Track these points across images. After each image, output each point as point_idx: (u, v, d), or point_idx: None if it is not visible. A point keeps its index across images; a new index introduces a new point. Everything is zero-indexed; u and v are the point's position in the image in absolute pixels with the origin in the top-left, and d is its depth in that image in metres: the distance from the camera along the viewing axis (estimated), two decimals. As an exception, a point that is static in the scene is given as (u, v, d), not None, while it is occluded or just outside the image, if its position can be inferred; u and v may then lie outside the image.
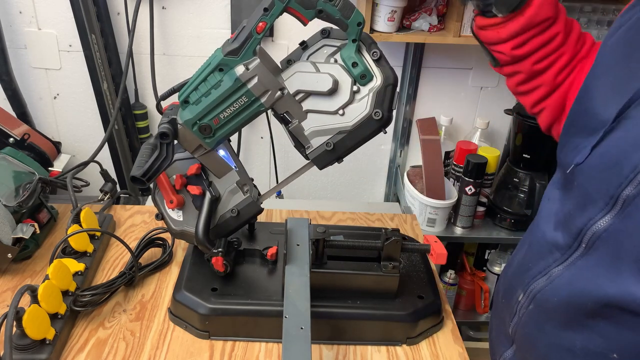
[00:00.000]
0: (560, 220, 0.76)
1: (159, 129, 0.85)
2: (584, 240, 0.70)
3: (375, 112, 0.82)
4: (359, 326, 0.92)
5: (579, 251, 0.71)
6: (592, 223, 0.68)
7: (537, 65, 0.86)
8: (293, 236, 0.96)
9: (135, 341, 0.90)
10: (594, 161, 0.69)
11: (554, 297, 0.74)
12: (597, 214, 0.67)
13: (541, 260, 0.78)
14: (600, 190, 0.67)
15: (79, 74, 1.89)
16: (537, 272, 0.78)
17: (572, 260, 0.72)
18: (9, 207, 1.00)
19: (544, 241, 0.78)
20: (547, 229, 0.78)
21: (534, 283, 0.78)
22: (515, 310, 0.82)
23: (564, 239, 0.74)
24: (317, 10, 0.79)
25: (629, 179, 0.63)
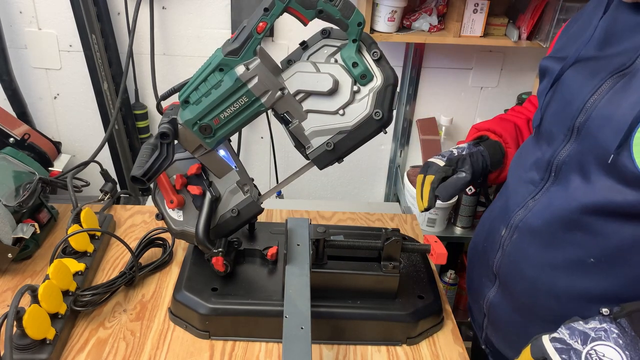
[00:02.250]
0: (532, 162, 0.89)
1: (160, 129, 0.85)
2: (553, 169, 0.84)
3: (376, 112, 0.82)
4: (359, 326, 0.92)
5: (550, 180, 0.85)
6: (556, 153, 0.83)
7: None
8: (293, 236, 0.96)
9: (136, 341, 0.90)
10: (552, 109, 0.86)
11: (536, 221, 0.85)
12: (560, 145, 0.83)
13: (518, 197, 0.90)
14: (559, 126, 0.83)
15: (79, 74, 1.89)
16: (516, 207, 0.89)
17: (545, 189, 0.85)
18: (9, 207, 1.00)
19: (520, 181, 0.91)
20: (521, 172, 0.91)
21: (514, 216, 0.89)
22: (498, 246, 0.92)
23: (537, 174, 0.87)
24: (318, 10, 0.79)
25: (579, 108, 0.79)
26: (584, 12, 0.93)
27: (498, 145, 1.05)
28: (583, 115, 0.79)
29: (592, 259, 0.79)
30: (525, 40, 1.75)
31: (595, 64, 0.81)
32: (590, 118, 0.77)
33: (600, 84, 0.77)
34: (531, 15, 1.72)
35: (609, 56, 0.79)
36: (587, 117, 0.78)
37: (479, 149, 1.03)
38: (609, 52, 0.80)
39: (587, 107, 0.78)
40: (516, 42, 1.75)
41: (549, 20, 1.70)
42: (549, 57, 0.94)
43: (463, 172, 0.99)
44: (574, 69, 0.84)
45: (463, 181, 0.99)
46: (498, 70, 2.00)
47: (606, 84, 0.77)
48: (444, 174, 0.99)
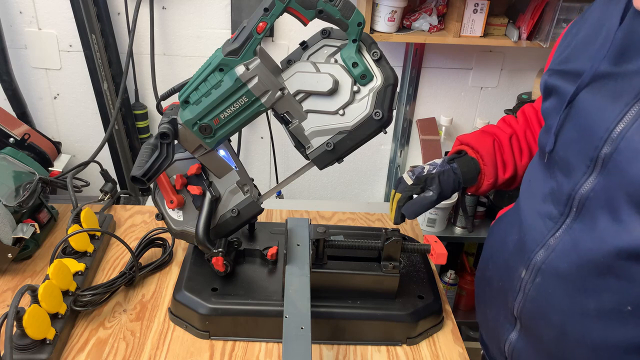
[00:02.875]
0: (547, 193, 0.81)
1: (159, 129, 0.85)
2: (574, 204, 0.76)
3: (376, 112, 0.82)
4: (359, 326, 0.92)
5: (571, 216, 0.77)
6: (578, 187, 0.75)
7: None
8: (293, 236, 0.96)
9: (136, 341, 0.90)
10: (569, 135, 0.78)
11: (562, 263, 0.77)
12: (581, 177, 0.74)
13: (536, 233, 0.81)
14: (579, 157, 0.75)
15: (79, 74, 1.89)
16: (535, 245, 0.81)
17: (567, 225, 0.77)
18: (9, 207, 1.00)
19: (536, 215, 0.83)
20: (536, 204, 0.83)
21: (535, 257, 0.80)
22: (518, 288, 0.83)
23: (555, 208, 0.79)
24: (318, 10, 0.79)
25: (604, 139, 0.71)
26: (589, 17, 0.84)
27: (473, 163, 1.00)
28: (609, 146, 0.70)
29: (630, 306, 0.71)
30: (525, 40, 1.75)
31: (615, 84, 0.72)
32: (618, 150, 0.69)
33: (626, 109, 0.69)
34: (531, 16, 1.72)
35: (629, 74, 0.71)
36: (613, 148, 0.70)
37: (452, 166, 1.00)
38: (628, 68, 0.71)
39: (613, 137, 0.70)
40: (516, 42, 1.75)
41: (549, 20, 1.71)
42: (552, 71, 0.85)
43: (430, 191, 0.97)
44: (590, 89, 0.75)
45: (429, 200, 0.97)
46: (498, 71, 2.00)
47: (633, 109, 0.69)
48: (410, 192, 0.98)
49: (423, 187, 0.98)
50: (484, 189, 1.02)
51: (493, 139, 1.02)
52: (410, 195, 0.98)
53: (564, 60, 0.85)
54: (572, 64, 0.81)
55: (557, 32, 1.72)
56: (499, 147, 1.01)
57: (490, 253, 0.97)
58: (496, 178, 1.00)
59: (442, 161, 1.02)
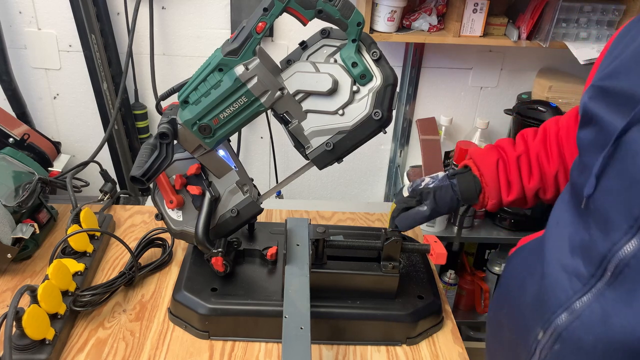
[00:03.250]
0: (577, 246, 0.70)
1: (159, 129, 0.85)
2: (609, 267, 0.64)
3: (375, 112, 0.82)
4: (359, 326, 0.92)
5: (603, 280, 0.65)
6: (616, 249, 0.63)
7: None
8: (293, 236, 0.96)
9: (135, 341, 0.90)
10: (611, 183, 0.64)
11: (587, 335, 0.66)
12: (621, 238, 0.62)
13: (559, 291, 0.71)
14: (621, 212, 0.62)
15: (79, 74, 1.89)
16: (557, 306, 0.70)
17: (597, 291, 0.66)
18: (9, 207, 1.00)
19: (561, 270, 0.72)
20: (563, 255, 0.72)
21: (556, 319, 0.70)
22: (533, 350, 0.74)
23: (585, 266, 0.67)
24: (317, 10, 0.79)
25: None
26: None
27: (474, 181, 0.94)
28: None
29: None
30: (525, 40, 1.75)
31: None
32: None
33: None
34: (531, 15, 1.72)
35: None
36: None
37: (451, 182, 0.95)
38: None
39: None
40: (516, 42, 1.75)
41: (548, 20, 1.71)
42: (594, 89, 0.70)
43: (425, 205, 0.94)
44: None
45: (421, 215, 0.94)
46: (498, 70, 2.00)
47: None
48: (405, 205, 0.96)
49: (419, 200, 0.95)
50: (490, 208, 0.96)
51: (498, 157, 0.94)
52: (404, 207, 0.96)
53: (609, 74, 0.69)
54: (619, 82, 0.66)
55: (557, 32, 1.72)
56: (504, 166, 0.94)
57: (506, 294, 0.88)
58: (499, 199, 0.94)
59: (443, 175, 0.98)
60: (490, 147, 0.98)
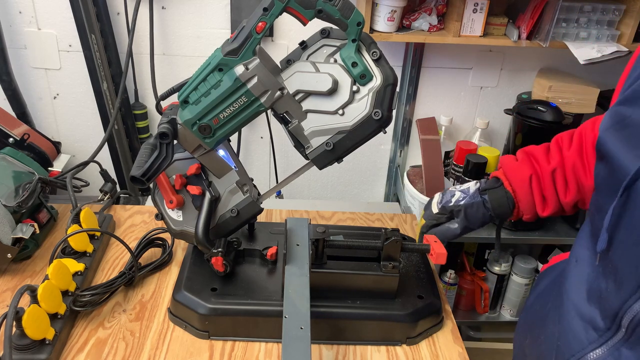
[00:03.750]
0: (594, 294, 0.66)
1: (159, 129, 0.85)
2: (623, 323, 0.61)
3: (375, 112, 0.82)
4: (359, 326, 0.92)
5: (619, 335, 0.62)
6: (627, 306, 0.60)
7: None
8: (293, 236, 0.96)
9: (135, 341, 0.90)
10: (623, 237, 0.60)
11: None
12: (632, 294, 0.59)
13: (574, 339, 0.68)
14: (631, 268, 0.58)
15: (79, 74, 1.89)
16: (571, 354, 0.67)
17: (614, 346, 0.63)
18: (9, 207, 1.00)
19: (578, 317, 0.68)
20: (580, 301, 0.69)
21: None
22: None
23: (602, 318, 0.64)
24: (317, 10, 0.79)
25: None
26: None
27: (507, 197, 0.90)
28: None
29: None
30: (525, 40, 1.75)
31: None
32: None
33: None
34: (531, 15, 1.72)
35: None
36: None
37: (483, 198, 0.92)
38: None
39: None
40: (516, 42, 1.75)
41: (548, 20, 1.70)
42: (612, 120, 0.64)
43: (455, 223, 0.93)
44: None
45: (452, 233, 0.93)
46: (498, 70, 2.00)
47: None
48: (435, 222, 0.96)
49: (449, 216, 0.94)
50: (527, 220, 0.93)
51: (531, 173, 0.89)
52: (433, 224, 0.95)
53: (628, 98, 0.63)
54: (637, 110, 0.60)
55: (557, 32, 1.72)
56: (538, 182, 0.89)
57: (530, 325, 0.85)
58: (535, 214, 0.90)
59: (475, 190, 0.94)
60: (524, 159, 0.92)
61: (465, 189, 0.95)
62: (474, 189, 0.94)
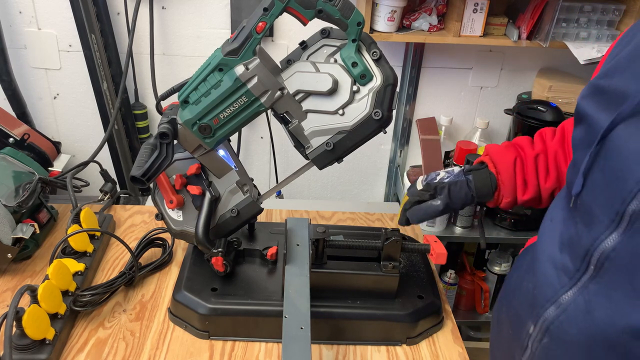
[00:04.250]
0: (566, 242, 0.72)
1: (159, 129, 0.85)
2: (592, 261, 0.66)
3: (375, 112, 0.82)
4: (359, 326, 0.92)
5: (587, 274, 0.67)
6: (598, 242, 0.64)
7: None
8: (293, 236, 0.96)
9: (135, 341, 0.90)
10: (596, 180, 0.66)
11: (571, 328, 0.68)
12: (603, 232, 0.64)
13: (548, 286, 0.73)
14: (604, 207, 0.64)
15: (79, 74, 1.89)
16: (545, 300, 0.72)
17: (582, 284, 0.68)
18: (9, 207, 1.00)
19: (550, 265, 0.74)
20: (553, 251, 0.74)
21: (545, 313, 0.72)
22: (526, 344, 0.76)
23: (571, 261, 0.69)
24: (317, 10, 0.79)
25: (633, 192, 0.60)
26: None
27: (490, 178, 0.94)
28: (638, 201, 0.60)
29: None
30: (525, 40, 1.75)
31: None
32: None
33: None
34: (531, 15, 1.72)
35: None
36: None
37: (467, 178, 0.95)
38: None
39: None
40: (516, 42, 1.75)
41: (548, 20, 1.70)
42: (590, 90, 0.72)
43: (438, 200, 0.94)
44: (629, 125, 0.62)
45: (434, 209, 0.94)
46: (498, 70, 2.00)
47: None
48: (418, 198, 0.96)
49: (433, 194, 0.95)
50: (504, 206, 0.96)
51: (516, 155, 0.94)
52: (417, 200, 0.97)
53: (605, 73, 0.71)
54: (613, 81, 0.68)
55: (557, 32, 1.72)
56: (521, 165, 0.94)
57: (507, 294, 0.89)
58: (514, 197, 0.94)
59: (459, 171, 0.98)
60: (508, 145, 0.97)
61: (450, 170, 0.98)
62: (458, 170, 0.97)
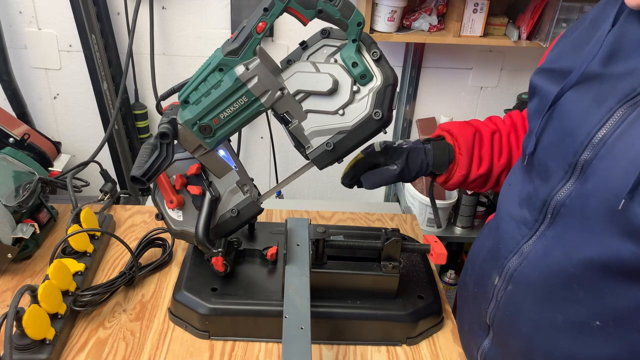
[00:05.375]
0: (524, 198, 0.78)
1: (159, 129, 0.85)
2: (549, 211, 0.72)
3: (375, 112, 0.82)
4: (359, 326, 0.92)
5: (545, 223, 0.73)
6: (554, 193, 0.72)
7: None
8: (293, 236, 0.96)
9: (135, 341, 0.90)
10: (549, 138, 0.75)
11: (533, 272, 0.74)
12: (558, 183, 0.71)
13: (510, 240, 0.79)
14: (558, 161, 0.71)
15: (79, 74, 1.89)
16: (508, 252, 0.78)
17: (541, 232, 0.74)
18: (9, 207, 1.00)
19: (511, 220, 0.80)
20: (512, 208, 0.81)
21: (508, 263, 0.78)
22: (491, 295, 0.81)
23: (530, 214, 0.76)
24: (317, 10, 0.79)
25: (584, 144, 0.67)
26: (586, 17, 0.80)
27: (448, 149, 0.97)
28: (589, 151, 0.67)
29: (598, 322, 0.68)
30: (525, 40, 1.75)
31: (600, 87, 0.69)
32: (598, 156, 0.66)
33: (610, 114, 0.66)
34: (531, 15, 1.72)
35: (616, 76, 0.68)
36: (594, 154, 0.66)
37: (425, 146, 0.97)
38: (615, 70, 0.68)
39: (594, 142, 0.66)
40: (516, 42, 1.75)
41: (548, 20, 1.71)
42: (540, 69, 0.84)
43: (395, 164, 0.95)
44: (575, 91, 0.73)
45: (391, 174, 0.95)
46: (498, 70, 2.00)
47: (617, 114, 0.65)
48: (374, 158, 0.97)
49: (389, 158, 0.96)
50: (454, 181, 0.99)
51: (475, 130, 0.99)
52: (372, 162, 0.97)
53: (552, 59, 0.82)
54: (560, 63, 0.79)
55: (557, 32, 1.72)
56: (479, 140, 0.98)
57: (470, 257, 0.93)
58: (469, 171, 0.98)
59: (417, 140, 1.00)
60: (465, 123, 1.01)
61: (408, 140, 1.02)
62: (414, 139, 1.01)
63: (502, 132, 1.01)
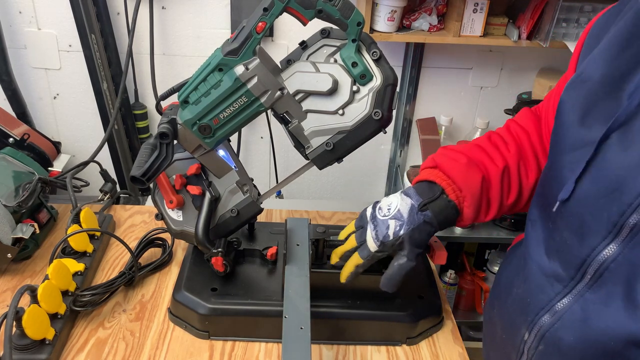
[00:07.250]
0: (553, 249, 0.71)
1: (159, 129, 0.85)
2: (589, 271, 0.65)
3: (375, 112, 0.82)
4: (359, 326, 0.92)
5: (583, 282, 0.66)
6: (596, 253, 0.64)
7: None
8: (293, 236, 0.96)
9: (135, 341, 0.90)
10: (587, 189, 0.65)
11: (568, 336, 0.67)
12: (600, 242, 0.63)
13: (540, 293, 0.72)
14: (599, 218, 0.63)
15: (79, 74, 1.89)
16: (539, 308, 0.71)
17: (577, 293, 0.67)
18: (9, 207, 1.00)
19: (540, 273, 0.73)
20: (539, 257, 0.73)
21: (539, 320, 0.71)
22: (522, 350, 0.75)
23: (564, 269, 0.68)
24: (317, 10, 0.79)
25: (633, 206, 0.59)
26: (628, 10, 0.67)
27: (451, 208, 0.83)
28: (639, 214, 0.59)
29: None
30: (525, 40, 1.75)
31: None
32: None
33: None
34: (531, 15, 1.72)
35: None
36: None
37: (425, 214, 0.82)
38: None
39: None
40: (516, 41, 1.75)
41: (548, 20, 1.70)
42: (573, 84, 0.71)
43: (403, 257, 0.83)
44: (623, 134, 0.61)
45: (407, 267, 0.83)
46: (498, 70, 2.00)
47: None
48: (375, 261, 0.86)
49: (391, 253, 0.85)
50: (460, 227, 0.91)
51: (482, 175, 0.84)
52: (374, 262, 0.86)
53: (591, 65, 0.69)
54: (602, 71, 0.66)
55: (557, 32, 1.72)
56: (487, 185, 0.85)
57: (498, 294, 0.86)
58: (475, 219, 0.87)
59: (409, 210, 0.83)
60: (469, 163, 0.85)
61: (396, 213, 0.83)
62: (406, 209, 0.83)
63: (511, 167, 0.87)
